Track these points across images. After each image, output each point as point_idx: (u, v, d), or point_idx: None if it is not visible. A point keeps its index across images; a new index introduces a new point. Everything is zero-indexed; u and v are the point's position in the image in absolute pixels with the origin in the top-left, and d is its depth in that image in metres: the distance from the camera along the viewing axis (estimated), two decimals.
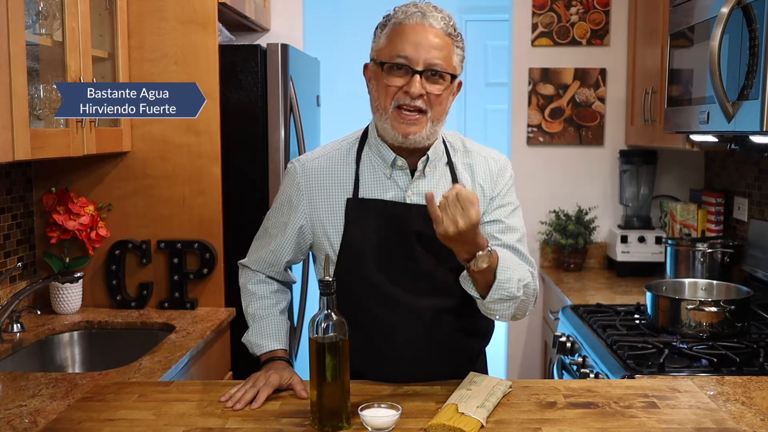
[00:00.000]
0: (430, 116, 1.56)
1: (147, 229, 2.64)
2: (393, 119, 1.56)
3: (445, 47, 1.55)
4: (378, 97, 1.59)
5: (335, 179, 1.66)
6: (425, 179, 1.65)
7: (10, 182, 2.48)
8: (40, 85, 2.16)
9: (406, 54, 1.53)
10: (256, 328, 1.73)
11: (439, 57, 1.53)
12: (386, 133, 1.60)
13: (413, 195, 1.63)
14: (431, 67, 1.53)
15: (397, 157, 1.63)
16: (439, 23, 1.55)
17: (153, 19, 2.57)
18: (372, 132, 1.67)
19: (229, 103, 2.71)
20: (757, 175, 2.88)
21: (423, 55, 1.52)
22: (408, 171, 1.65)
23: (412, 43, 1.53)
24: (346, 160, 1.68)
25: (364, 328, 1.62)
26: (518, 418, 1.46)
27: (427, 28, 1.54)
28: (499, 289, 1.52)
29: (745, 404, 1.69)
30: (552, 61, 3.47)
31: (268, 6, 3.33)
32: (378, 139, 1.65)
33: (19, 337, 2.26)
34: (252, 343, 1.73)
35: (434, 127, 1.59)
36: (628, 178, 3.40)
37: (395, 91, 1.55)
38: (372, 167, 1.66)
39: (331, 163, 1.68)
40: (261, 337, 1.72)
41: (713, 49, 2.05)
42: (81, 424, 1.44)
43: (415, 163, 1.64)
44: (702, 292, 2.44)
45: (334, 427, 1.39)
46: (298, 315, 2.88)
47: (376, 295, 1.63)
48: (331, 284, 1.40)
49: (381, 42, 1.59)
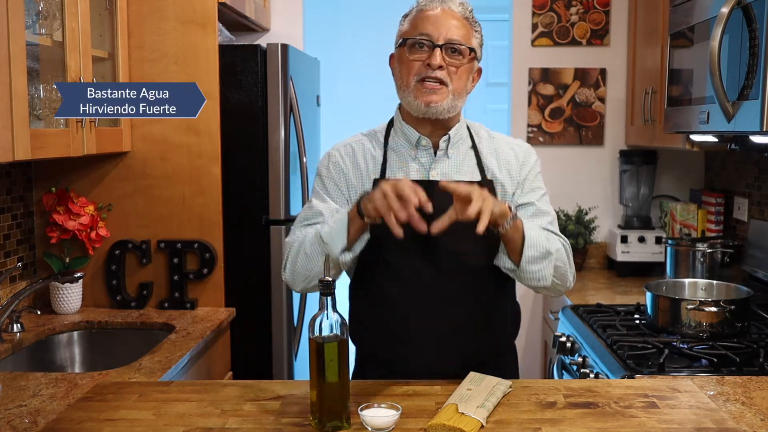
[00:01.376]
0: (450, 89, 1.64)
1: (147, 229, 2.64)
2: (415, 90, 1.65)
3: (463, 27, 1.66)
4: (402, 75, 1.68)
5: (365, 163, 1.74)
6: (449, 160, 1.71)
7: (10, 182, 2.48)
8: (40, 85, 2.16)
9: (428, 32, 1.64)
10: (326, 223, 1.63)
11: (458, 34, 1.64)
12: (410, 106, 1.67)
13: (436, 174, 1.69)
14: (451, 41, 1.63)
15: (421, 136, 1.70)
16: (459, 8, 1.67)
17: (153, 19, 2.57)
18: (397, 117, 1.76)
19: (229, 103, 2.71)
20: (757, 175, 2.88)
21: (444, 31, 1.63)
22: (432, 150, 1.71)
23: (433, 23, 1.64)
24: (375, 145, 1.76)
25: (381, 305, 1.66)
26: (518, 418, 1.46)
27: (447, 11, 1.66)
28: (531, 247, 1.58)
29: (745, 404, 1.69)
30: (552, 61, 3.47)
31: (268, 6, 3.33)
32: (403, 122, 1.73)
33: (19, 337, 2.26)
34: (332, 226, 1.60)
35: (455, 101, 1.66)
36: (628, 178, 3.40)
37: (418, 66, 1.64)
38: (398, 150, 1.73)
39: (361, 148, 1.76)
40: (336, 216, 1.63)
41: (713, 49, 2.05)
42: (81, 424, 1.44)
43: (438, 142, 1.71)
44: (702, 292, 2.44)
45: (334, 427, 1.39)
46: (298, 315, 2.88)
47: (393, 272, 1.66)
48: (331, 284, 1.40)
49: (404, 26, 1.70)
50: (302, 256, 1.64)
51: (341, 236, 1.58)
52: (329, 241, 1.59)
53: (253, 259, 2.78)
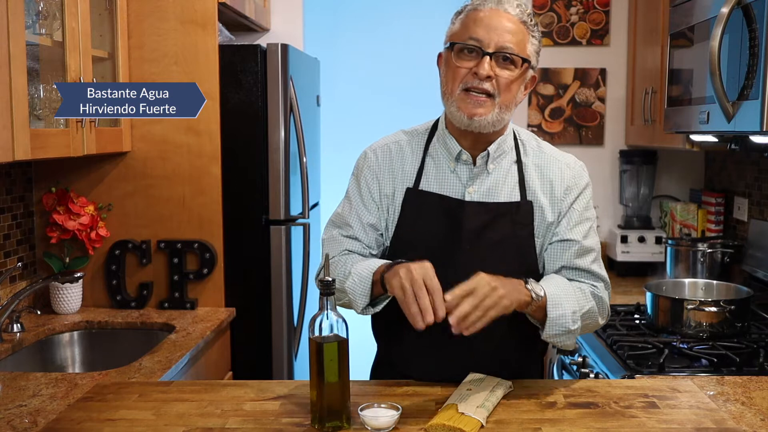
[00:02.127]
0: (498, 101, 1.53)
1: (147, 229, 2.64)
2: (459, 101, 1.53)
3: (518, 33, 1.52)
4: (447, 81, 1.56)
5: (401, 168, 1.65)
6: (489, 176, 1.61)
7: (10, 182, 2.48)
8: (40, 85, 2.15)
9: (478, 36, 1.51)
10: (352, 276, 1.56)
11: (511, 41, 1.50)
12: (452, 116, 1.56)
13: (473, 191, 1.60)
14: (503, 49, 1.50)
15: (462, 150, 1.60)
16: (515, 9, 1.53)
17: (153, 19, 2.57)
18: (441, 123, 1.66)
19: (229, 103, 2.71)
20: (757, 175, 2.88)
21: (495, 38, 1.50)
22: (472, 166, 1.62)
23: (485, 27, 1.51)
24: (415, 149, 1.66)
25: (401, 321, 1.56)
26: (518, 418, 1.46)
27: (502, 13, 1.52)
28: (552, 326, 1.52)
29: (745, 404, 1.69)
30: (552, 61, 3.47)
31: (268, 6, 3.33)
32: (446, 131, 1.63)
33: (19, 337, 2.26)
34: (356, 282, 1.54)
35: (501, 114, 1.54)
36: (628, 178, 3.40)
37: (464, 74, 1.52)
38: (437, 160, 1.64)
39: (400, 150, 1.67)
40: (362, 269, 1.55)
41: (713, 49, 2.05)
42: (81, 424, 1.44)
43: (478, 156, 1.61)
44: (702, 292, 2.44)
45: (334, 427, 1.39)
46: (298, 315, 2.88)
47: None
48: (331, 284, 1.40)
49: (455, 27, 1.57)
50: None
51: (364, 295, 1.53)
52: (352, 297, 1.55)
53: (253, 259, 2.78)
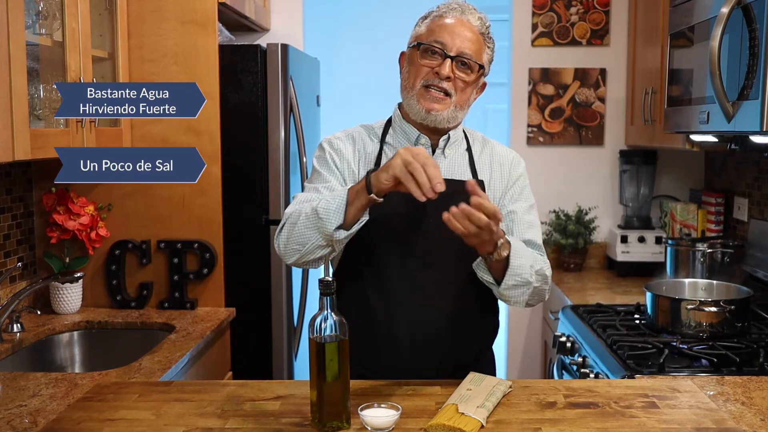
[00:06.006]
0: (453, 100, 1.67)
1: (147, 229, 2.64)
2: (419, 95, 1.67)
3: (477, 42, 1.68)
4: (409, 77, 1.70)
5: (363, 150, 1.75)
6: (445, 159, 1.74)
7: (10, 182, 2.48)
8: (40, 85, 2.16)
9: (443, 40, 1.65)
10: (324, 198, 1.59)
11: (471, 48, 1.66)
12: (411, 109, 1.69)
13: None
14: (463, 54, 1.65)
15: (421, 135, 1.72)
16: (476, 21, 1.69)
17: (153, 19, 2.57)
18: (396, 116, 1.78)
19: (229, 103, 2.71)
20: (757, 175, 2.88)
21: (458, 43, 1.65)
22: (430, 150, 1.73)
23: (449, 32, 1.66)
24: (373, 139, 1.77)
25: (366, 300, 1.68)
26: (518, 418, 1.46)
27: (465, 23, 1.68)
28: (512, 276, 1.58)
29: (745, 404, 1.69)
30: (552, 61, 3.47)
31: (268, 6, 3.33)
32: (402, 121, 1.75)
33: (19, 337, 2.26)
34: (329, 201, 1.56)
35: (456, 112, 1.68)
36: (628, 178, 3.40)
37: (427, 72, 1.66)
38: (395, 146, 1.74)
39: (361, 137, 1.78)
40: (335, 191, 1.61)
41: (713, 49, 2.05)
42: (81, 424, 1.44)
43: (437, 142, 1.74)
44: (702, 292, 2.44)
45: (334, 427, 1.39)
46: (298, 315, 2.88)
47: (380, 265, 1.67)
48: (331, 284, 1.40)
49: (421, 29, 1.71)
50: (297, 230, 1.59)
51: (338, 212, 1.54)
52: (325, 216, 1.54)
53: (253, 259, 2.78)
